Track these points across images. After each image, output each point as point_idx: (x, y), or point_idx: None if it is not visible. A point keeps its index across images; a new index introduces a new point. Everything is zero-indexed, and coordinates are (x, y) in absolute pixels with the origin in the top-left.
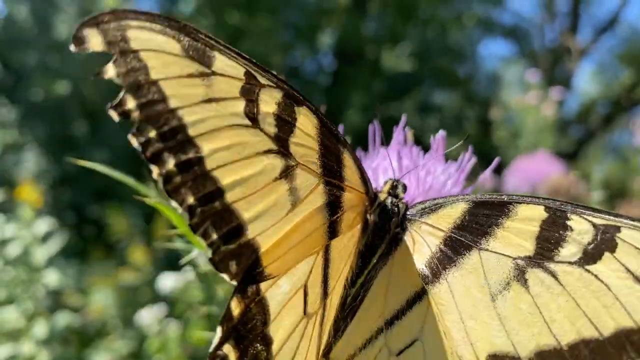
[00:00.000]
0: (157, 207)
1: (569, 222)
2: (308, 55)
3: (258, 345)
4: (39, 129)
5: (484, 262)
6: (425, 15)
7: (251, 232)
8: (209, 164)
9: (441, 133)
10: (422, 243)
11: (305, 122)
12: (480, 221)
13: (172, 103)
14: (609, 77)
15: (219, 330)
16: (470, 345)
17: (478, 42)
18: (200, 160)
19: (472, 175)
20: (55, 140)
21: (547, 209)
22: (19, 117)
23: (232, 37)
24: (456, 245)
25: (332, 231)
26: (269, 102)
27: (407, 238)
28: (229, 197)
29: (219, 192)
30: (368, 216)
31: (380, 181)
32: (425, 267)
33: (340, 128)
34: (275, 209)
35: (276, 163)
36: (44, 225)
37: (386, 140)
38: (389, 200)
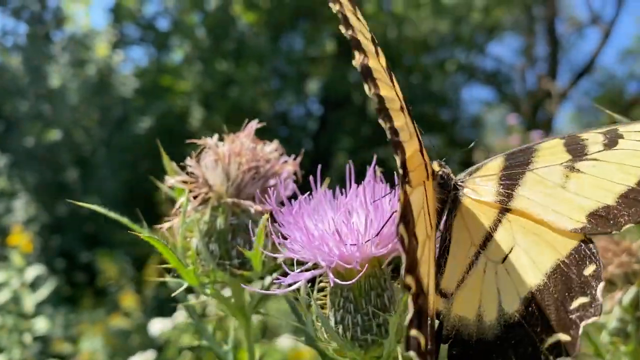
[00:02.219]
0: (150, 241)
1: (582, 137)
2: (296, 102)
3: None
4: (29, 176)
5: (540, 174)
6: (409, 63)
7: None
8: None
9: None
10: (483, 186)
11: None
12: (518, 160)
13: None
14: (588, 119)
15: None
16: (567, 217)
17: (461, 88)
18: None
19: None
20: (46, 187)
21: (562, 137)
22: (10, 164)
23: (221, 85)
24: (511, 176)
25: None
26: None
27: (467, 192)
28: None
29: None
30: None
31: (353, 217)
32: (497, 196)
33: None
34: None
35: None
36: (34, 271)
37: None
38: (440, 172)
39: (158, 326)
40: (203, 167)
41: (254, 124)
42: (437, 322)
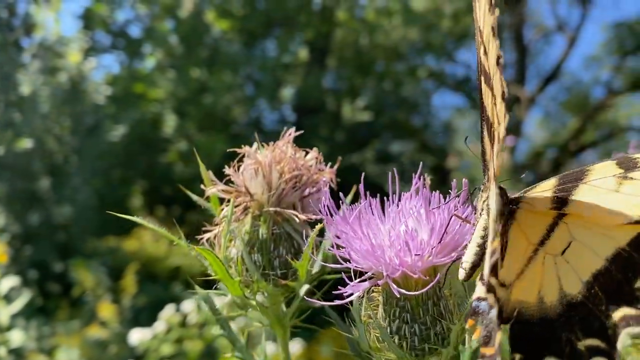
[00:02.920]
0: (202, 252)
1: (635, 157)
2: (270, 109)
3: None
4: (1, 186)
5: (594, 184)
6: (381, 69)
7: None
8: None
9: (465, 181)
10: (538, 200)
11: None
12: (572, 177)
13: None
14: (556, 124)
15: None
16: (624, 213)
17: (432, 94)
18: None
19: None
20: (17, 196)
21: (614, 159)
22: None
23: (195, 92)
24: (565, 189)
25: None
26: None
27: (522, 205)
28: None
29: None
30: None
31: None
32: (552, 204)
33: None
34: None
35: None
36: (8, 283)
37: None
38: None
39: (137, 336)
40: (244, 176)
41: (292, 132)
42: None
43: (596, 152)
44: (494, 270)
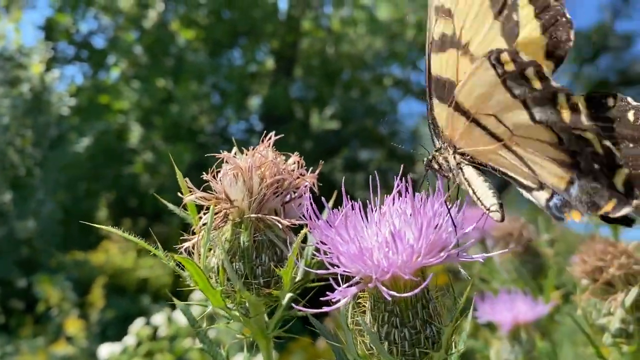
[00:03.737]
0: (182, 262)
1: None
2: (237, 118)
3: None
4: None
5: None
6: (348, 78)
7: None
8: None
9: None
10: None
11: None
12: None
13: None
14: None
15: None
16: None
17: (398, 102)
18: None
19: None
20: None
21: None
22: None
23: (160, 102)
24: None
25: None
26: None
27: None
28: None
29: None
30: None
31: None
32: None
33: None
34: None
35: None
36: None
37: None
38: None
39: (107, 350)
40: (223, 182)
41: (273, 136)
42: None
43: None
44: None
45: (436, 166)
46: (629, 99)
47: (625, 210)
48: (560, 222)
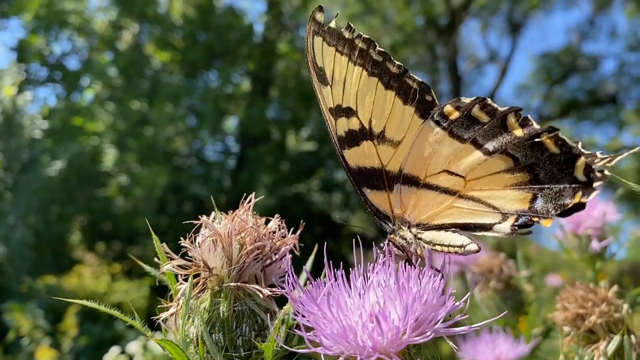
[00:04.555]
0: (162, 344)
1: None
2: (213, 140)
3: None
4: None
5: None
6: None
7: None
8: None
9: (428, 249)
10: None
11: None
12: None
13: None
14: None
15: None
16: None
17: None
18: None
19: None
20: None
21: None
22: None
23: (135, 124)
24: None
25: None
26: None
27: None
28: None
29: None
30: None
31: (369, 298)
32: None
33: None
34: None
35: None
36: None
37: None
38: None
39: None
40: (202, 249)
41: (252, 199)
42: None
43: None
44: None
45: (394, 247)
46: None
47: (592, 196)
48: (528, 235)
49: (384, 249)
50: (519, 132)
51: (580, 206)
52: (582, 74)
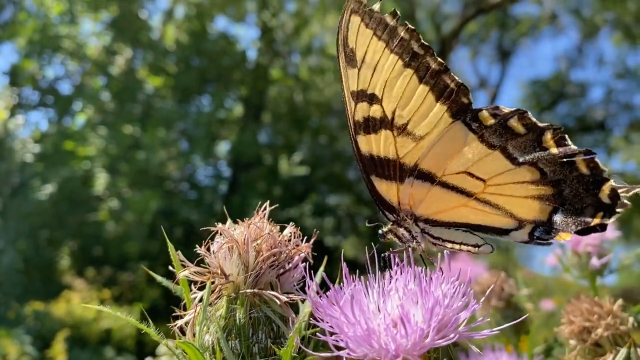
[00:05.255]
0: (184, 347)
1: None
2: (205, 164)
3: None
4: None
5: None
6: (316, 125)
7: None
8: None
9: (447, 253)
10: None
11: None
12: None
13: None
14: None
15: None
16: None
17: None
18: None
19: None
20: None
21: None
22: None
23: (127, 149)
24: None
25: None
26: None
27: None
28: None
29: None
30: None
31: (388, 304)
32: None
33: None
34: None
35: None
36: None
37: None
38: None
39: None
40: (218, 256)
41: (267, 207)
42: None
43: None
44: None
45: (394, 237)
46: None
47: (613, 219)
48: (547, 245)
49: (383, 236)
50: (554, 149)
51: (602, 227)
52: (570, 100)
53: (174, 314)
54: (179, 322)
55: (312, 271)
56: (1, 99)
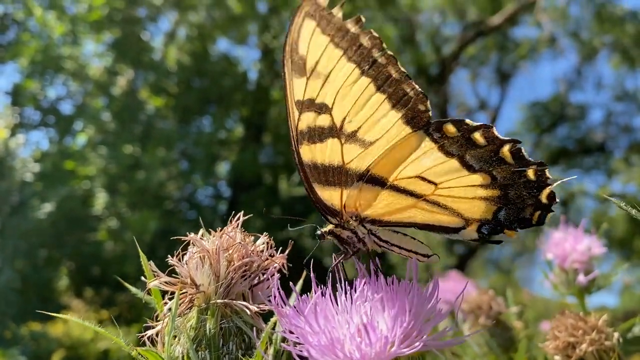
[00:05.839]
0: (148, 356)
1: None
2: (205, 184)
3: None
4: None
5: None
6: None
7: None
8: None
9: (414, 261)
10: None
11: None
12: None
13: None
14: None
15: None
16: None
17: None
18: None
19: None
20: None
21: None
22: None
23: (127, 168)
24: None
25: None
26: None
27: None
28: None
29: None
30: None
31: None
32: None
33: None
34: None
35: None
36: None
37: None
38: None
39: None
40: (189, 266)
41: (241, 216)
42: None
43: None
44: None
45: (334, 240)
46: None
47: (547, 217)
48: (497, 244)
49: (321, 237)
50: (510, 160)
51: (540, 222)
52: (570, 122)
53: (145, 325)
54: (149, 333)
55: (293, 285)
56: (2, 118)
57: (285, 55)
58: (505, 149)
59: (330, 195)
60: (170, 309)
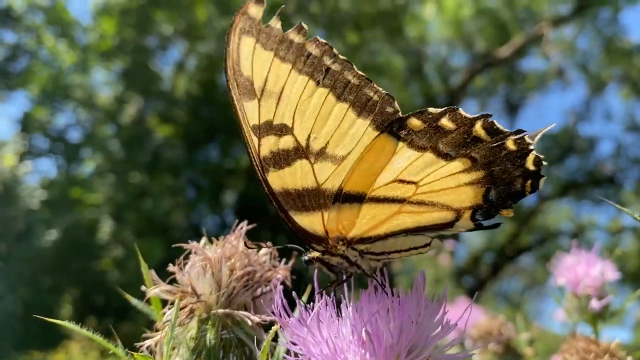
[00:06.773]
0: None
1: None
2: (211, 213)
3: None
4: None
5: None
6: None
7: None
8: None
9: (422, 272)
10: None
11: None
12: None
13: None
14: (493, 229)
15: None
16: None
17: None
18: None
19: None
20: None
21: None
22: None
23: (134, 197)
24: None
25: None
26: None
27: None
28: None
29: None
30: None
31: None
32: None
33: None
34: None
35: None
36: None
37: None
38: None
39: None
40: (190, 274)
41: (245, 226)
42: None
43: (532, 255)
44: None
45: (323, 267)
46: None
47: (542, 182)
48: (495, 228)
49: (309, 263)
50: (485, 137)
51: (533, 189)
52: (580, 155)
53: (143, 335)
54: (147, 342)
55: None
56: (11, 145)
57: (229, 79)
58: (478, 126)
59: (310, 221)
60: (169, 319)
